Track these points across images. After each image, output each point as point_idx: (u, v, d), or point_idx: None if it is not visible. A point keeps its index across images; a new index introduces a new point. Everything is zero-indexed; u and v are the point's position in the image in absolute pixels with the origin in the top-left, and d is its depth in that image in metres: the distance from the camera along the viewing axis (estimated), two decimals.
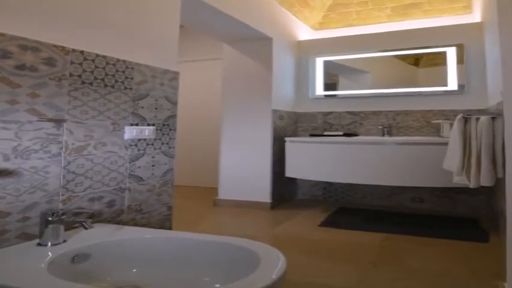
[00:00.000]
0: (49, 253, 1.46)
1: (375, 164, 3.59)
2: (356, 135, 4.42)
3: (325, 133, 4.44)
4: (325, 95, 4.74)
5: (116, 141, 2.10)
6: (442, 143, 3.34)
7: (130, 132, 2.19)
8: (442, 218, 3.77)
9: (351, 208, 4.23)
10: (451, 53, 4.19)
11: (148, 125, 2.33)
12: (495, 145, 2.54)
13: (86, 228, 1.58)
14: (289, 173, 4.10)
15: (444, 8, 4.42)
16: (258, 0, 4.00)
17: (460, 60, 4.13)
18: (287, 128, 4.60)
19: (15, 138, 1.61)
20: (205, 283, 1.58)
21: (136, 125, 2.24)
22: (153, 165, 2.36)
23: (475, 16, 4.28)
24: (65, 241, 1.58)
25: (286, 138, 4.16)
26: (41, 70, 1.72)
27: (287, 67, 4.67)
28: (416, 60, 4.36)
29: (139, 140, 2.26)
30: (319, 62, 4.81)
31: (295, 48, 4.86)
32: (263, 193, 4.21)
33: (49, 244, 1.54)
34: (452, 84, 4.16)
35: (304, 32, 5.03)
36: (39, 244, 1.54)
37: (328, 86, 4.76)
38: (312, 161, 3.90)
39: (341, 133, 4.30)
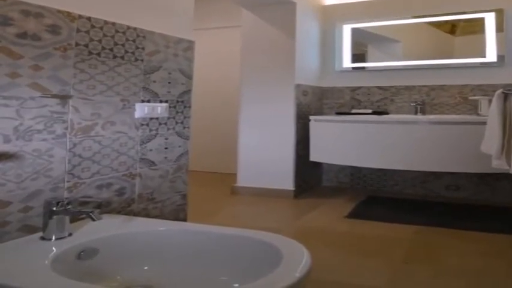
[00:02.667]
0: (53, 248, 1.43)
1: (406, 146, 3.56)
2: (386, 113, 4.37)
3: (353, 111, 4.40)
4: (353, 68, 4.68)
5: (126, 120, 2.06)
6: (480, 122, 3.31)
7: (141, 110, 2.14)
8: (480, 208, 3.76)
9: (381, 197, 4.21)
10: (490, 20, 4.10)
11: (161, 101, 2.28)
12: None
13: (93, 220, 1.54)
14: (314, 156, 4.07)
15: None
16: None
17: (500, 27, 4.05)
18: (311, 104, 4.54)
19: (16, 116, 1.57)
20: (222, 282, 1.57)
21: (148, 101, 2.19)
22: (166, 148, 2.31)
23: None
24: (70, 234, 1.56)
25: (310, 117, 4.12)
26: (44, 39, 1.66)
27: (311, 36, 4.59)
28: (452, 27, 4.28)
29: (151, 119, 2.21)
30: (347, 30, 4.74)
31: (320, 13, 4.77)
32: (285, 179, 4.18)
33: (53, 238, 1.51)
34: (491, 55, 4.10)
35: None
36: (42, 238, 1.52)
37: (356, 58, 4.69)
38: (338, 143, 3.86)
39: (370, 111, 4.26)
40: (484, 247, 2.74)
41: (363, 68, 4.64)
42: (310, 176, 4.51)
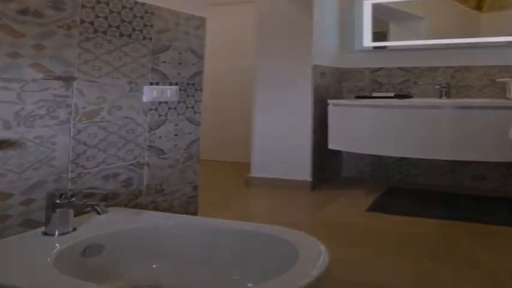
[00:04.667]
0: (56, 244, 1.42)
1: (430, 133, 3.56)
2: (409, 96, 4.35)
3: (374, 94, 4.37)
4: (374, 47, 4.65)
5: (133, 105, 2.03)
6: (508, 106, 3.31)
7: (149, 93, 2.10)
8: (508, 201, 3.75)
9: (403, 188, 4.22)
10: None
11: (171, 84, 2.25)
12: None
13: (99, 213, 1.53)
14: (333, 144, 4.05)
15: None
16: None
17: None
18: (329, 87, 4.52)
19: (17, 100, 1.54)
20: (235, 282, 1.57)
21: (157, 84, 2.16)
22: (175, 135, 2.29)
23: None
24: (74, 229, 1.54)
25: (329, 101, 4.08)
26: (47, 15, 1.63)
27: (329, 12, 4.55)
28: (479, 3, 4.25)
29: (160, 103, 2.18)
30: (367, 6, 4.70)
31: None
32: (302, 169, 4.17)
33: (56, 233, 1.49)
34: None
35: None
36: (45, 233, 1.50)
37: (377, 36, 4.65)
38: (357, 130, 3.85)
39: (392, 94, 4.25)
40: None
41: (384, 47, 4.61)
42: (328, 166, 4.50)
